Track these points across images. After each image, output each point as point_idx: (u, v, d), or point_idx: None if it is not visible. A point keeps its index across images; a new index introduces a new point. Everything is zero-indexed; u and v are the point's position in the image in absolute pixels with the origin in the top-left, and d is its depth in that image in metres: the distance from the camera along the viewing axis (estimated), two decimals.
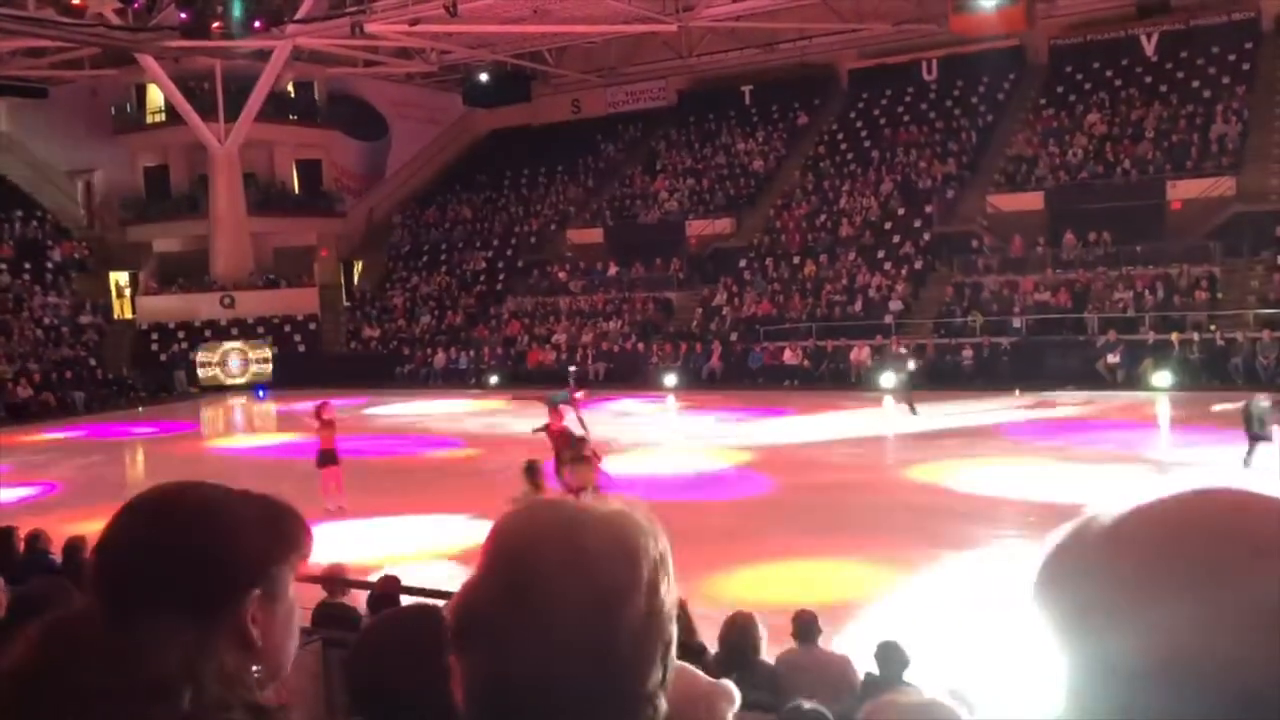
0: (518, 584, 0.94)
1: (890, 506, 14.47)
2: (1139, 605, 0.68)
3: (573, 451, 12.82)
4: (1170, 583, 0.68)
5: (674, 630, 1.01)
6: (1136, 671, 0.68)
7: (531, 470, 11.07)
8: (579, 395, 18.80)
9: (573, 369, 25.79)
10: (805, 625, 6.47)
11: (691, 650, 5.94)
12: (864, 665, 6.28)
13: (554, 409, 14.85)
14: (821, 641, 6.54)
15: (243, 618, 1.12)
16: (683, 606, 6.11)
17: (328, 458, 15.29)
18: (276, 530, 1.19)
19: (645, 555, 0.99)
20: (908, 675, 5.98)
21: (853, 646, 6.52)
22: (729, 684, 1.14)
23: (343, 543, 12.21)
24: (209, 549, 1.13)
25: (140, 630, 1.07)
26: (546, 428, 14.44)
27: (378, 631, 1.84)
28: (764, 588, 10.61)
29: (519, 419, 22.18)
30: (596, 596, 0.94)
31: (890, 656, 6.09)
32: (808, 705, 4.34)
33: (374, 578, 8.06)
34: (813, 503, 14.67)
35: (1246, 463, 14.43)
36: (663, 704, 0.99)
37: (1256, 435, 14.60)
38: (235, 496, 1.21)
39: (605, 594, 0.94)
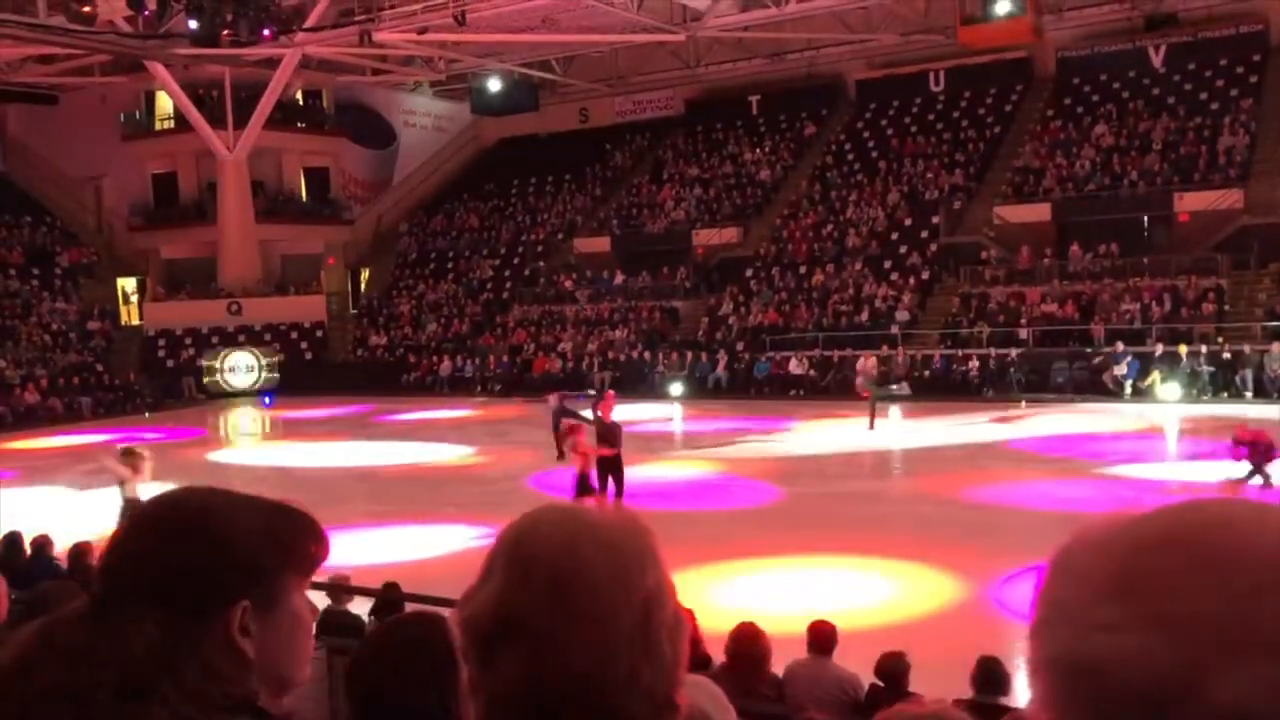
0: (562, 586, 0.94)
1: (895, 517, 14.44)
2: (1083, 607, 0.70)
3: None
4: (1109, 585, 0.69)
5: (690, 631, 1.03)
6: (1057, 666, 0.70)
7: (129, 454, 12.07)
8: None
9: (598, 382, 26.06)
10: (822, 636, 6.42)
11: (697, 661, 5.93)
12: (870, 680, 6.26)
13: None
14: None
15: (230, 627, 1.10)
16: (690, 616, 6.09)
17: (588, 486, 13.45)
18: (277, 540, 1.16)
19: (661, 558, 1.01)
20: (911, 686, 5.96)
21: (857, 656, 6.49)
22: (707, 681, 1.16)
23: (347, 550, 12.21)
24: (197, 555, 1.11)
25: (115, 630, 1.07)
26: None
27: (379, 640, 1.83)
28: (770, 597, 10.58)
29: (528, 425, 22.18)
30: (639, 597, 0.96)
31: (895, 666, 6.07)
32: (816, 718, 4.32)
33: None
34: (818, 512, 14.65)
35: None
36: (683, 704, 1.00)
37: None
38: (239, 503, 1.18)
39: (647, 594, 0.96)
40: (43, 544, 8.87)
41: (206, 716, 1.05)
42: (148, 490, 11.95)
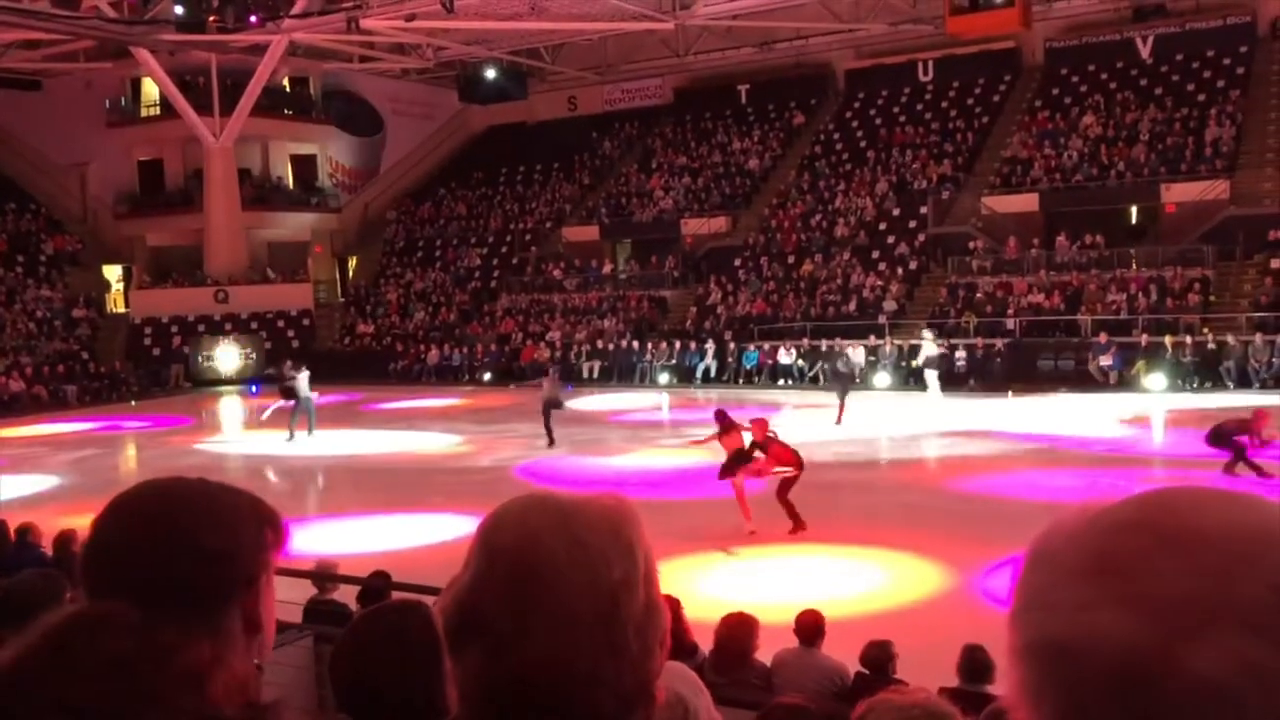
0: (521, 580, 0.93)
1: (882, 506, 14.49)
2: (1055, 588, 0.71)
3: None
4: (1084, 567, 0.70)
5: (668, 620, 1.01)
6: (1035, 650, 0.71)
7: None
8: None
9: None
10: (809, 627, 6.43)
11: (684, 649, 5.94)
12: (856, 665, 6.29)
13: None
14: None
15: (254, 608, 1.14)
16: (676, 605, 6.11)
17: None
18: (265, 519, 1.20)
19: (640, 546, 0.99)
20: (897, 674, 5.98)
21: (844, 645, 6.52)
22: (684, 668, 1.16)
23: (334, 539, 12.21)
24: (218, 547, 1.13)
25: (169, 629, 1.04)
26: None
27: (360, 628, 1.83)
28: (758, 586, 10.61)
29: (516, 414, 22.15)
30: (603, 590, 0.94)
31: (880, 655, 6.10)
32: (790, 700, 4.34)
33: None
34: (806, 502, 14.66)
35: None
36: (659, 694, 0.99)
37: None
38: (226, 490, 1.20)
39: (612, 587, 0.94)
40: (27, 531, 8.83)
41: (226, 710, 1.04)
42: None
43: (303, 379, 21.30)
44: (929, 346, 24.28)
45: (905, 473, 16.91)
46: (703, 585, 10.31)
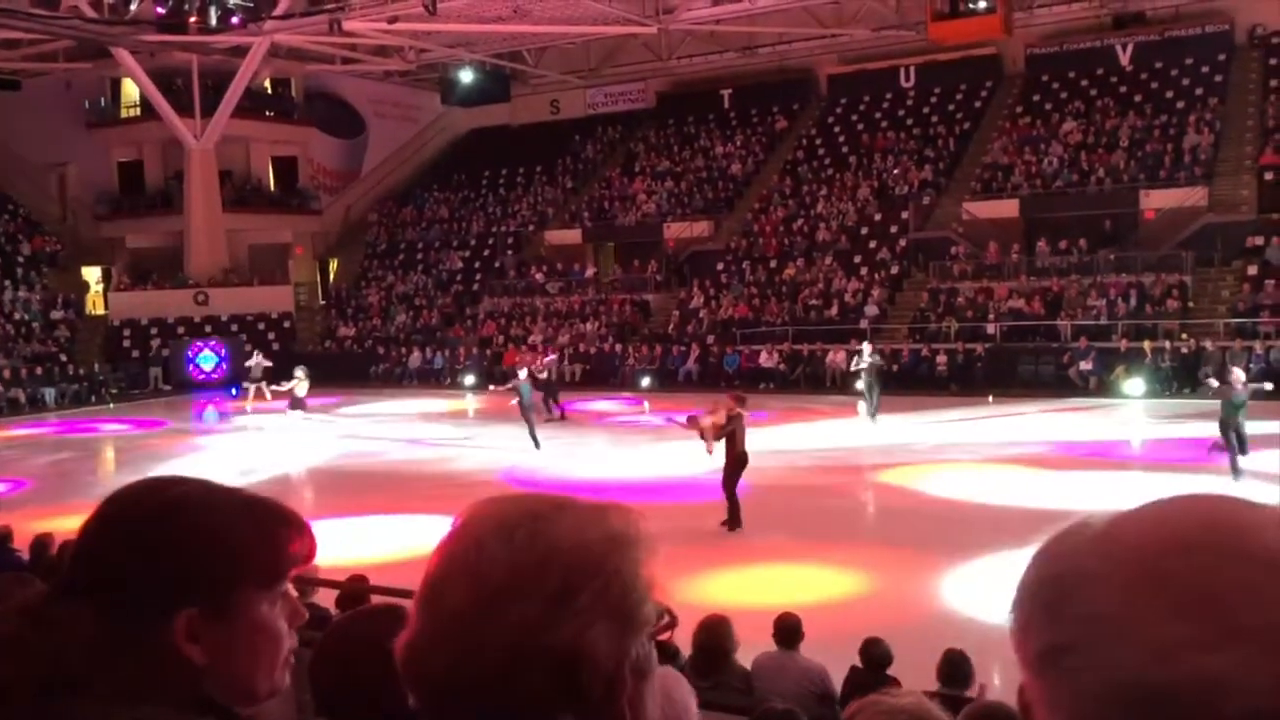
0: (426, 573, 0.98)
1: (864, 510, 14.54)
2: (1136, 622, 0.65)
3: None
4: (1172, 597, 0.64)
5: (601, 647, 0.94)
6: (1111, 688, 0.64)
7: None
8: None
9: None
10: (788, 629, 6.44)
11: (665, 653, 5.94)
12: (837, 672, 6.29)
13: None
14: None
15: (174, 634, 1.07)
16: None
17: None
18: (235, 551, 1.12)
19: (557, 557, 0.94)
20: (890, 673, 6.00)
21: (824, 650, 6.52)
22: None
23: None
24: (141, 561, 1.09)
25: (52, 625, 1.06)
26: None
27: (341, 632, 1.83)
28: (738, 590, 10.62)
29: (498, 418, 22.10)
30: (477, 596, 0.93)
31: (878, 652, 6.12)
32: (780, 706, 4.34)
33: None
34: (787, 506, 14.70)
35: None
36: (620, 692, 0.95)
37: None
38: (207, 505, 1.14)
39: (491, 594, 0.92)
40: (2, 535, 8.76)
41: (142, 714, 1.04)
42: None
43: (523, 375, 21.07)
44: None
45: (884, 476, 16.94)
46: (679, 589, 10.30)
